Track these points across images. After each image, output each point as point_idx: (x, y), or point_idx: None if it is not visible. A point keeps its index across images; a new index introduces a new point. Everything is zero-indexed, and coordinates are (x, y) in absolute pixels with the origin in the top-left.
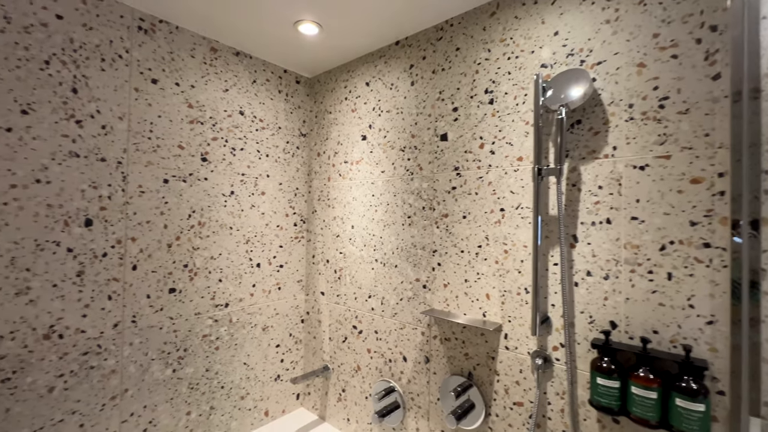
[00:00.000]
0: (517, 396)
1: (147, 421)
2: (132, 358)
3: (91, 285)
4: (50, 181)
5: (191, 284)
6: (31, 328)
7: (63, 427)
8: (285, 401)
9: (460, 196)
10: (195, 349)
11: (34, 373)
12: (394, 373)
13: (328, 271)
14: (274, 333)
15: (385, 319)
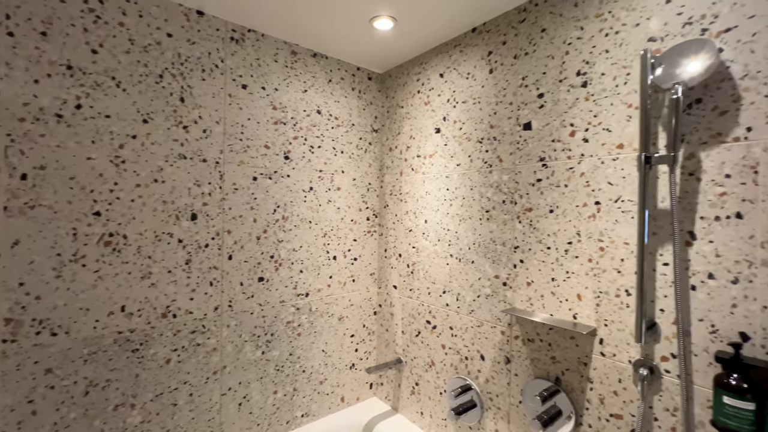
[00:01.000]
0: (615, 407)
1: (242, 396)
2: (229, 338)
3: (196, 272)
4: (165, 180)
5: (276, 274)
6: (152, 307)
7: (177, 395)
8: (359, 389)
9: (546, 189)
10: (280, 334)
11: (155, 346)
12: (470, 371)
13: (400, 265)
14: (348, 323)
15: (461, 316)
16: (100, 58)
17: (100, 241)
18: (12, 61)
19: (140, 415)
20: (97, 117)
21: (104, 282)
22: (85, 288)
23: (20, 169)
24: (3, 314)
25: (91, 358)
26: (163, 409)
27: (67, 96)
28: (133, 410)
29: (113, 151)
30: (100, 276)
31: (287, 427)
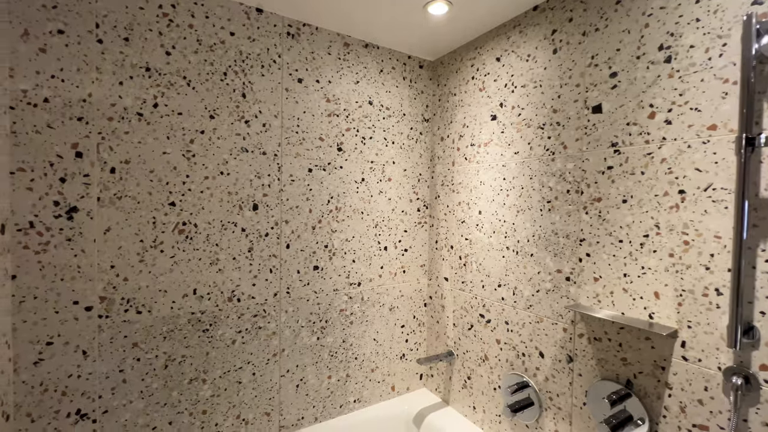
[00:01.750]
0: (700, 418)
1: (299, 378)
2: (287, 323)
3: (258, 260)
4: (229, 173)
5: (330, 263)
6: (220, 291)
7: (242, 373)
8: (409, 380)
9: (618, 177)
10: (334, 321)
11: (223, 328)
12: (528, 368)
13: (452, 257)
14: (399, 314)
15: (518, 311)
16: (173, 59)
17: (175, 229)
18: (101, 65)
19: (210, 390)
20: (171, 114)
21: (179, 267)
22: (163, 272)
23: (110, 164)
24: (98, 292)
25: (169, 336)
26: (230, 386)
27: (146, 96)
28: (205, 384)
29: (185, 145)
30: (175, 261)
31: (340, 411)
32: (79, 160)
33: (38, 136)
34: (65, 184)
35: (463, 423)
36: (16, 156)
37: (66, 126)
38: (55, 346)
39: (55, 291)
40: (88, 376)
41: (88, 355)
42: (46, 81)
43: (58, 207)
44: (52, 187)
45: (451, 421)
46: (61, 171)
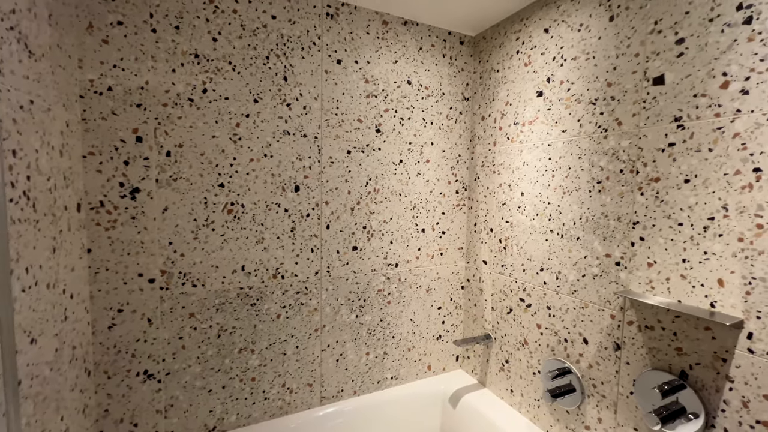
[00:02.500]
0: (766, 414)
1: (338, 353)
2: (327, 301)
3: (300, 239)
4: (272, 155)
5: (369, 244)
6: (265, 269)
7: (286, 346)
8: (446, 360)
9: (680, 155)
10: (372, 300)
11: (268, 303)
12: (570, 354)
13: (491, 240)
14: (436, 295)
15: (561, 296)
16: (219, 45)
17: (225, 209)
18: (156, 54)
19: (258, 359)
20: (218, 99)
21: (228, 244)
22: (214, 249)
23: (165, 148)
24: (159, 266)
25: (221, 308)
26: (275, 357)
27: (196, 82)
28: (253, 354)
29: (231, 129)
30: (225, 239)
31: (378, 387)
32: (140, 145)
33: (104, 122)
34: (128, 167)
35: (500, 405)
36: (86, 141)
37: (127, 112)
38: (124, 313)
39: (123, 264)
40: (153, 341)
41: (152, 322)
42: (109, 71)
43: (123, 188)
44: (117, 170)
45: (487, 402)
46: (124, 154)
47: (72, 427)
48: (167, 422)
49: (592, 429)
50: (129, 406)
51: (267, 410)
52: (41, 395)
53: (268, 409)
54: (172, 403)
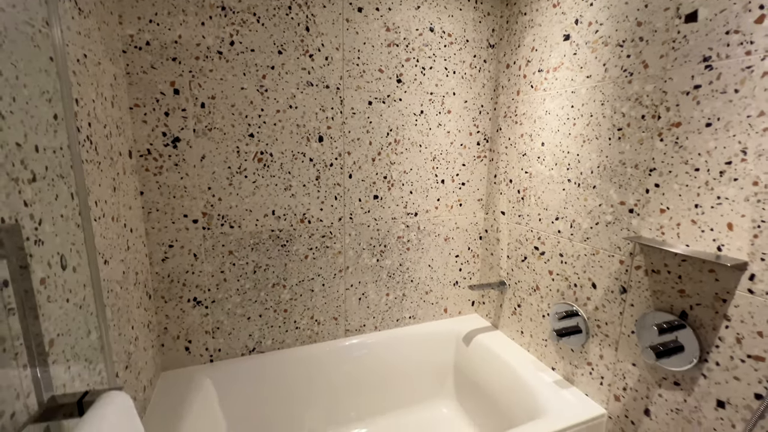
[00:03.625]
0: (757, 349)
1: (361, 292)
2: (350, 245)
3: (324, 187)
4: (297, 106)
5: (389, 193)
6: (293, 213)
7: (314, 284)
8: (461, 305)
9: (705, 98)
10: (392, 246)
11: (297, 245)
12: (578, 297)
13: (510, 191)
14: (454, 244)
15: (574, 243)
16: None
17: (255, 158)
18: (186, 8)
19: (289, 294)
20: (245, 51)
21: (260, 190)
22: (247, 194)
23: (200, 99)
24: (201, 209)
25: (255, 247)
26: (304, 293)
27: (224, 34)
28: (284, 289)
29: (258, 81)
30: (256, 186)
31: (397, 324)
32: (177, 97)
33: (145, 75)
34: (168, 118)
35: (510, 345)
36: (131, 94)
37: (164, 66)
38: (174, 248)
39: (170, 206)
40: (199, 274)
41: (198, 257)
42: (146, 25)
43: (165, 137)
44: (159, 121)
45: (499, 342)
46: (164, 106)
47: (140, 336)
48: (215, 341)
49: (594, 365)
50: (183, 326)
51: (298, 338)
52: (116, 306)
53: (299, 337)
54: (217, 326)
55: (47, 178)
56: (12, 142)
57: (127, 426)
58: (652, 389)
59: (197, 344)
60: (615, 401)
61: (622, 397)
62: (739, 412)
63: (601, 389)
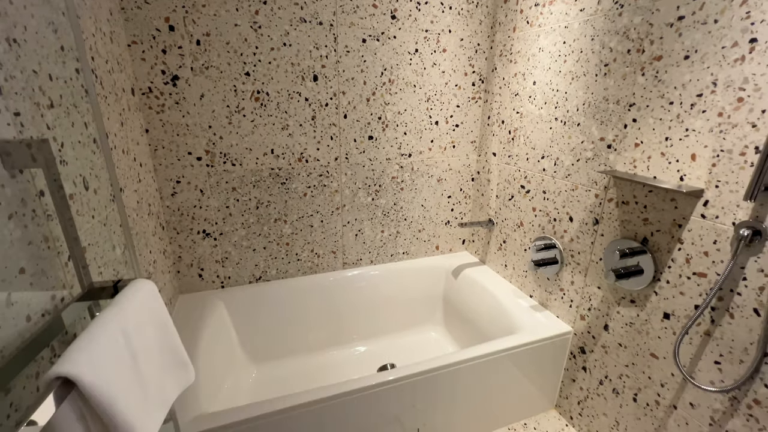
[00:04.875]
0: (701, 267)
1: (357, 229)
2: (346, 184)
3: (320, 127)
4: (291, 44)
5: (383, 134)
6: (291, 153)
7: (313, 220)
8: (452, 243)
9: (687, 29)
10: (386, 186)
11: (295, 183)
12: (556, 231)
13: (501, 132)
14: (446, 185)
15: (556, 180)
16: None
17: (252, 97)
18: None
19: (290, 229)
20: None
21: (258, 129)
22: (247, 133)
23: (195, 36)
24: (203, 147)
25: (257, 185)
26: (304, 228)
27: None
28: (286, 224)
29: (251, 17)
30: (255, 125)
31: (391, 259)
32: (173, 33)
33: (140, 11)
34: (166, 56)
35: (495, 277)
36: (128, 30)
37: (158, 1)
38: (182, 184)
39: (175, 143)
40: (206, 208)
41: (204, 192)
42: None
43: (164, 75)
44: (157, 58)
45: (485, 275)
46: (161, 43)
47: (158, 261)
48: (224, 269)
49: (565, 290)
50: (195, 255)
51: (300, 269)
52: (134, 230)
53: (300, 268)
54: (226, 256)
55: (63, 105)
56: (29, 68)
57: (154, 304)
58: (612, 308)
59: (209, 272)
60: (580, 320)
61: (586, 317)
62: (680, 321)
63: (569, 311)
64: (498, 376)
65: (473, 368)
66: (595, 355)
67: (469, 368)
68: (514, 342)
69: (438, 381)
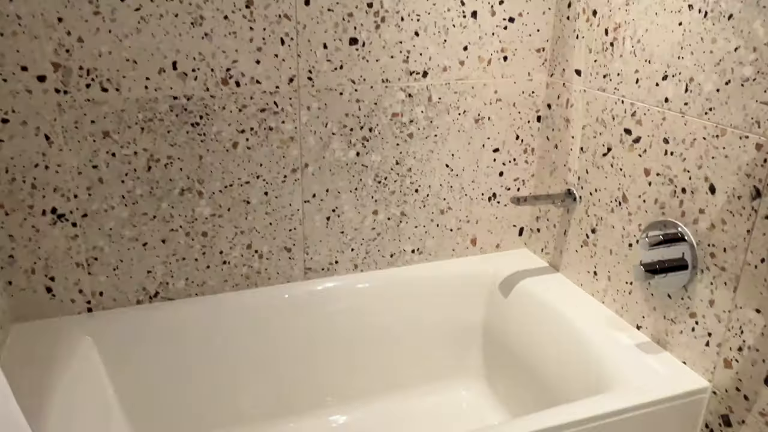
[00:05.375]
0: None
1: (330, 207)
2: (310, 126)
3: (261, 21)
4: None
5: (377, 35)
6: (209, 68)
7: (250, 190)
8: (502, 233)
9: None
10: (383, 130)
11: (218, 123)
12: (686, 210)
13: (591, 33)
14: (491, 130)
15: (688, 119)
16: None
17: None
18: None
19: (210, 207)
20: None
21: (149, 26)
22: (128, 32)
23: None
24: (49, 56)
25: (148, 127)
26: (234, 205)
27: None
28: (201, 199)
29: None
30: (142, 16)
31: (391, 262)
32: None
33: None
34: None
35: (576, 293)
36: None
37: None
38: (12, 125)
39: None
40: (58, 169)
41: (52, 141)
42: None
43: None
44: None
45: (558, 289)
46: None
47: None
48: (93, 280)
49: (699, 316)
50: (39, 253)
51: (228, 278)
52: None
53: (229, 277)
54: (95, 255)
55: None
56: None
57: None
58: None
59: (65, 283)
60: (725, 368)
61: (734, 362)
62: None
63: (705, 353)
64: None
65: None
66: (749, 428)
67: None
68: (608, 407)
69: None
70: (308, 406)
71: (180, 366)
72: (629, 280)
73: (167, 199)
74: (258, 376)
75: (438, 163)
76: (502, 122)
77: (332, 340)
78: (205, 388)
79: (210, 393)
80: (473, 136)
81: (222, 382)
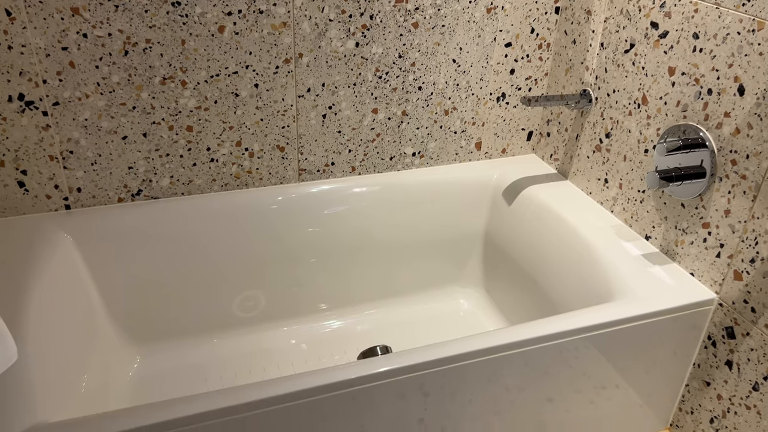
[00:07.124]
0: None
1: (326, 104)
2: (305, 10)
3: None
4: None
5: None
6: None
7: (238, 81)
8: (509, 137)
9: None
10: (385, 18)
11: (202, 3)
12: (710, 113)
13: None
14: (504, 21)
15: (722, 10)
16: None
17: None
18: None
19: (195, 99)
20: None
21: None
22: None
23: None
24: None
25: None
26: (221, 98)
27: None
28: (185, 90)
29: None
30: None
31: (391, 165)
32: None
33: None
34: None
35: (584, 201)
36: None
37: None
38: None
39: None
40: (22, 50)
41: (14, 17)
42: None
43: None
44: None
45: (563, 197)
46: None
47: None
48: (70, 174)
49: (712, 226)
50: (8, 144)
51: (216, 177)
52: None
53: (217, 176)
54: (70, 148)
55: None
56: None
57: None
58: None
59: (38, 177)
60: (734, 280)
61: (746, 273)
62: None
63: (715, 264)
64: (576, 375)
65: (532, 358)
66: (753, 340)
67: (523, 357)
68: (609, 316)
69: (467, 377)
70: (301, 311)
71: (167, 268)
72: (642, 188)
73: (147, 88)
74: (248, 281)
75: (444, 58)
76: (516, 13)
77: (327, 245)
78: (194, 292)
79: (199, 297)
80: (484, 27)
81: (211, 286)
